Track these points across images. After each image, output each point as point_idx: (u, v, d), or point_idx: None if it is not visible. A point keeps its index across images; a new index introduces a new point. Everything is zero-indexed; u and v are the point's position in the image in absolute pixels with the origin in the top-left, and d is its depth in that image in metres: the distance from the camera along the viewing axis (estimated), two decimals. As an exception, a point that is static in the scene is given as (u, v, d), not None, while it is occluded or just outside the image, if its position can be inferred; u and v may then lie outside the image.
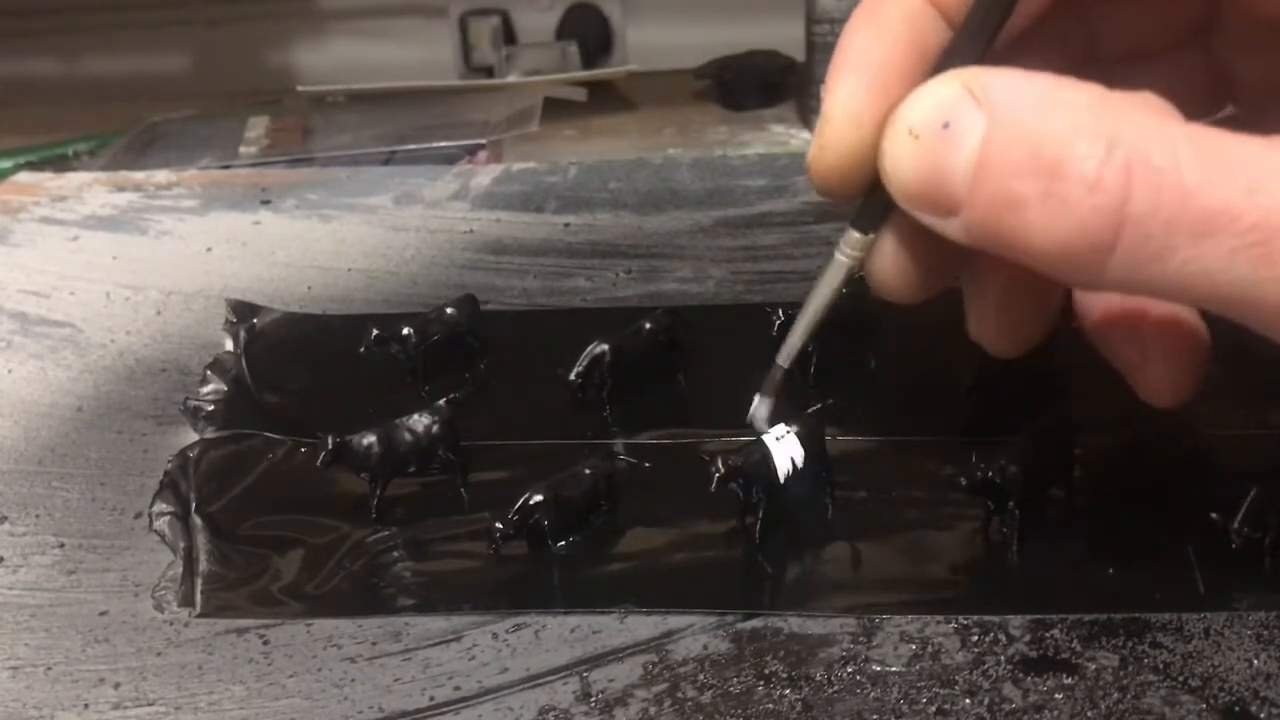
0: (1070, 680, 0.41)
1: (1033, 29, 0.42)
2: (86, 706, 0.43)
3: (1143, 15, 0.44)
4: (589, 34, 1.16)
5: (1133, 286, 0.33)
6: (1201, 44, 0.45)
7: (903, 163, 0.36)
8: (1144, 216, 0.32)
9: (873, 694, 0.41)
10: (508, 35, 1.17)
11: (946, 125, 0.35)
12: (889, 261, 0.42)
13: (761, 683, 0.42)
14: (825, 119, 0.39)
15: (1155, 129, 0.32)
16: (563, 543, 0.48)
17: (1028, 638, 0.43)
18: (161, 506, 0.52)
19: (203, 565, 0.49)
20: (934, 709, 0.40)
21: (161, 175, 0.89)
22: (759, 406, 0.47)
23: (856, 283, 0.59)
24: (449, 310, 0.62)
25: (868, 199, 0.40)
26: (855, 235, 0.42)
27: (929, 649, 0.43)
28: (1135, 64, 0.45)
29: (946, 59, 0.39)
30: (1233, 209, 0.31)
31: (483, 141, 0.95)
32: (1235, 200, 0.31)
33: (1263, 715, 0.39)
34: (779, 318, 0.56)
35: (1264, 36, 0.42)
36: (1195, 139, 0.32)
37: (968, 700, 0.40)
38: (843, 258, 0.43)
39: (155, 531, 0.51)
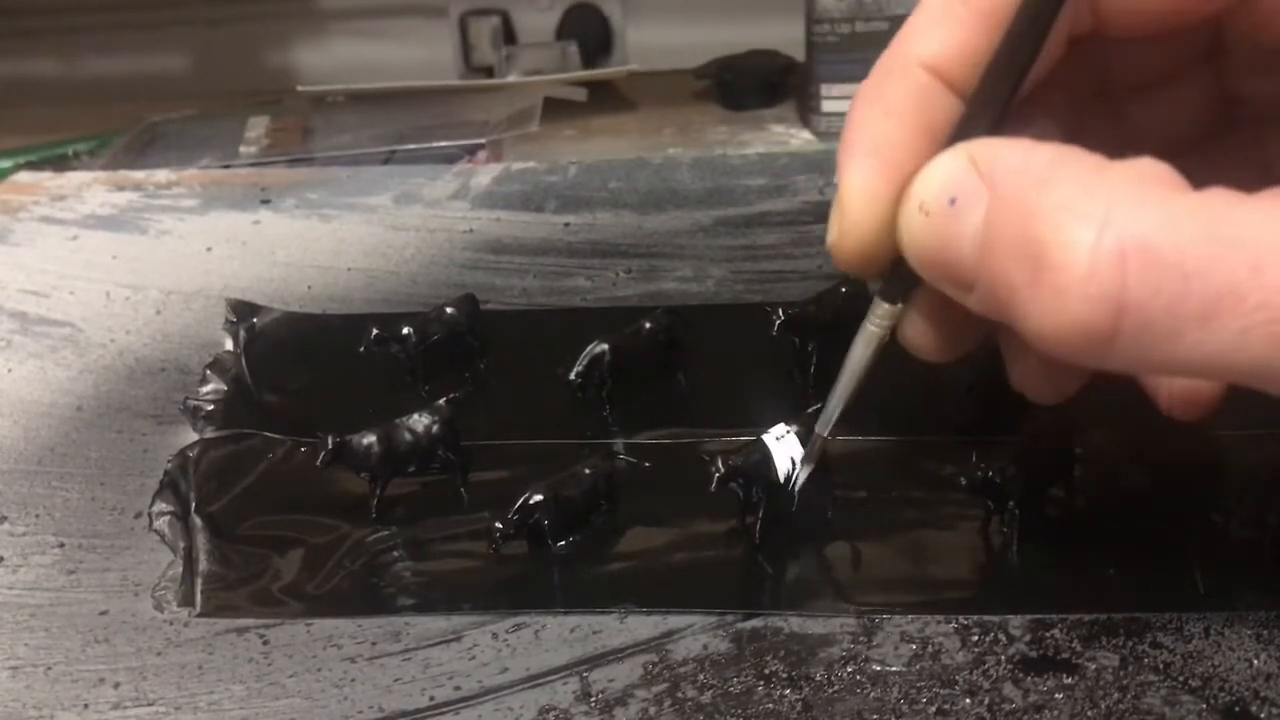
0: (1070, 680, 0.41)
1: (1043, 74, 0.41)
2: (86, 706, 0.43)
3: (1150, 48, 0.44)
4: (589, 34, 1.16)
5: (1145, 369, 0.32)
6: (1209, 70, 0.44)
7: (917, 239, 0.36)
8: (1143, 303, 0.30)
9: (873, 694, 0.41)
10: (508, 35, 1.17)
11: (953, 201, 0.34)
12: (919, 329, 0.41)
13: (761, 683, 0.42)
14: (842, 204, 0.38)
15: (1154, 205, 0.31)
16: (563, 542, 0.48)
17: (1028, 637, 0.43)
18: (161, 506, 0.52)
19: (203, 565, 0.49)
20: (934, 709, 0.40)
21: (161, 175, 0.89)
22: (800, 473, 0.47)
23: (855, 282, 0.59)
24: (449, 310, 0.62)
25: (893, 271, 0.40)
26: (884, 306, 0.42)
27: (929, 649, 0.43)
28: (1144, 94, 0.45)
29: (961, 129, 0.38)
30: (1238, 290, 0.30)
31: (482, 141, 0.95)
32: (1240, 280, 0.29)
33: (1263, 715, 0.39)
34: (779, 317, 0.57)
35: (1270, 60, 0.42)
36: (1196, 213, 0.31)
37: (968, 700, 0.40)
38: (874, 328, 0.43)
39: (155, 531, 0.51)
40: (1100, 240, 0.30)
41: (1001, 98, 0.38)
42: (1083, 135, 0.36)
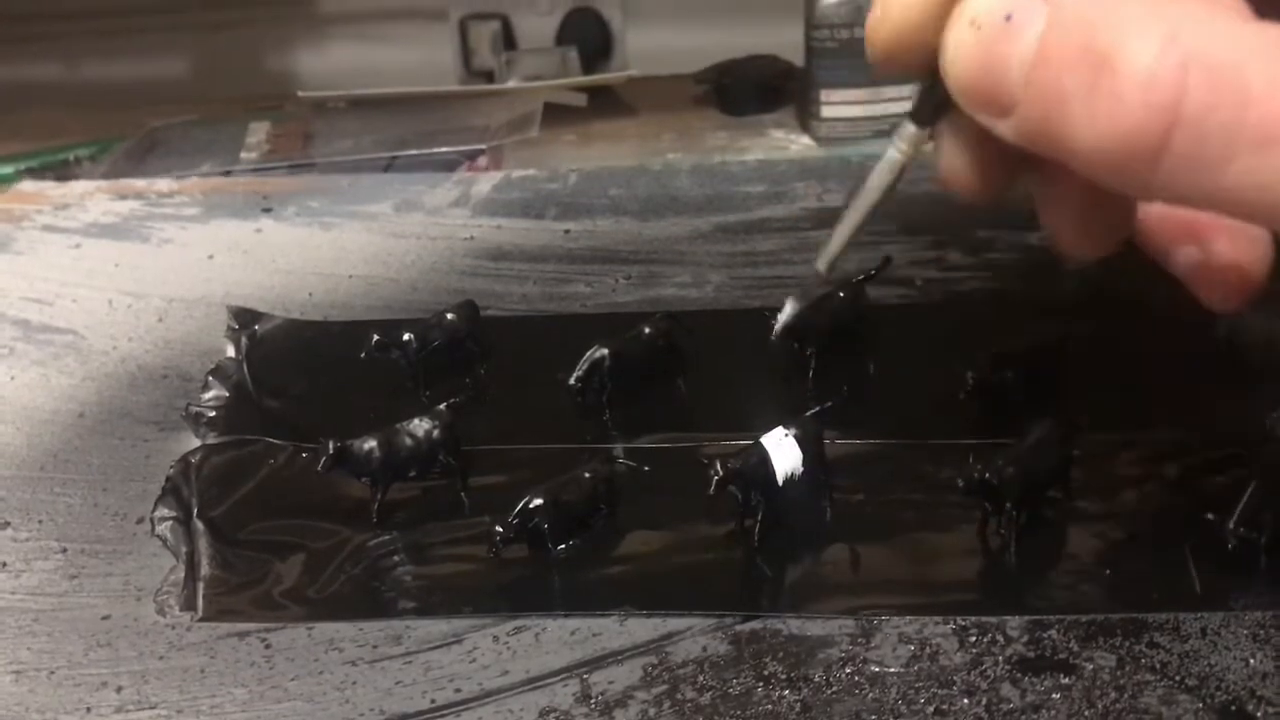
0: (1068, 680, 0.41)
1: None
2: (89, 710, 0.43)
3: None
4: (589, 38, 1.16)
5: (1183, 196, 0.31)
6: None
7: (962, 54, 0.34)
8: (1199, 118, 0.30)
9: (871, 694, 0.41)
10: (508, 39, 1.17)
11: (1009, 17, 0.33)
12: (952, 160, 0.39)
13: (760, 684, 0.42)
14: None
15: (1220, 26, 0.30)
16: (562, 546, 0.49)
17: (1025, 638, 0.43)
18: (163, 511, 0.53)
19: (204, 570, 0.49)
20: (932, 709, 0.40)
21: (163, 183, 0.89)
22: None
23: (854, 287, 0.60)
24: (449, 316, 0.62)
25: (926, 91, 0.38)
26: (911, 129, 0.39)
27: (927, 650, 0.43)
28: None
29: None
30: None
31: (483, 147, 0.95)
32: None
33: (1259, 714, 0.39)
34: (777, 322, 0.57)
35: None
36: (1264, 40, 0.30)
37: (966, 700, 0.40)
38: (896, 153, 0.40)
39: (157, 536, 0.52)
40: (1165, 51, 0.30)
41: None
42: None
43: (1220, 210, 0.31)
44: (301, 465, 0.55)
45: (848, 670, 0.42)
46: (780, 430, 0.49)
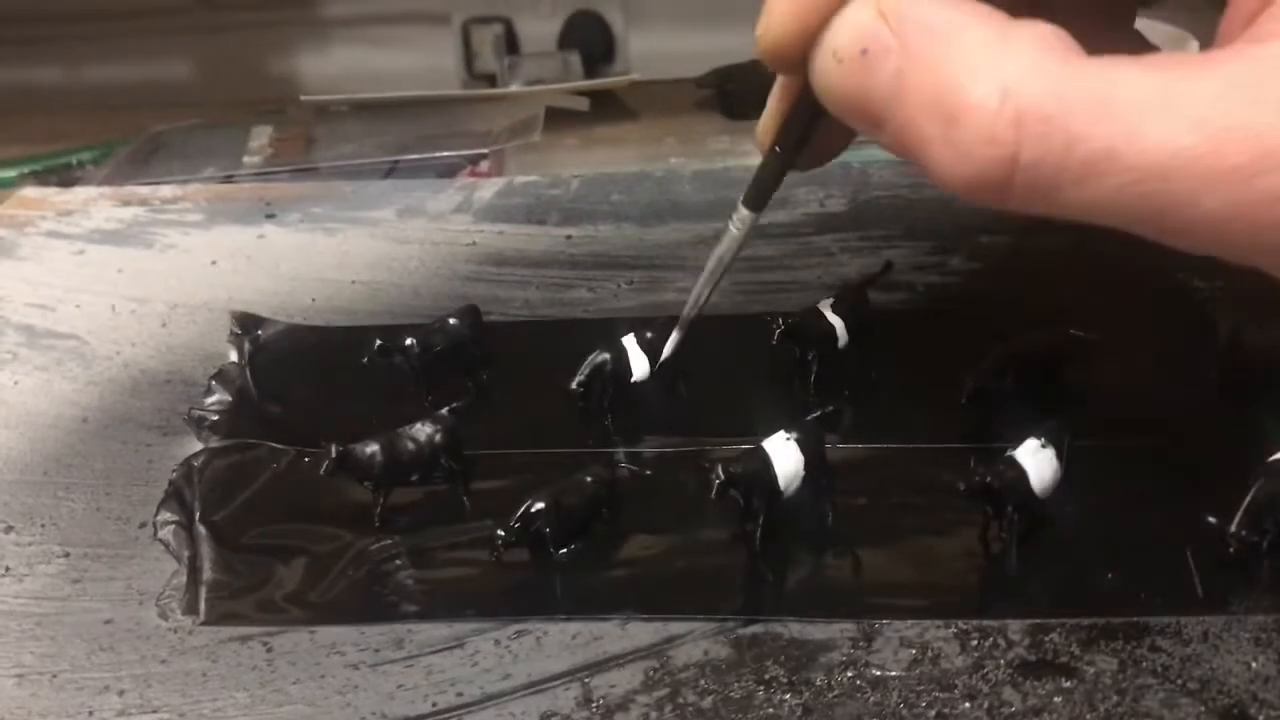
0: (1069, 684, 0.41)
1: None
2: (91, 714, 0.43)
3: None
4: (591, 42, 1.16)
5: (1038, 212, 0.35)
6: None
7: (830, 82, 0.38)
8: (1033, 164, 0.33)
9: (872, 698, 0.41)
10: (510, 42, 1.17)
11: (864, 52, 0.36)
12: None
13: (762, 688, 0.42)
14: (769, 10, 0.40)
15: (1051, 73, 0.34)
16: (564, 550, 0.49)
17: (1027, 642, 0.43)
18: (166, 515, 0.53)
19: (207, 574, 0.49)
20: (934, 713, 0.40)
21: (167, 189, 0.90)
22: (670, 344, 0.55)
23: (856, 292, 0.60)
24: (452, 321, 0.62)
25: (756, 180, 0.48)
26: (745, 212, 0.49)
27: (928, 653, 0.43)
28: None
29: None
30: (1114, 151, 0.32)
31: (485, 151, 0.96)
32: (1116, 143, 0.32)
33: (1261, 717, 0.39)
34: (779, 326, 0.57)
35: None
36: (1086, 79, 0.33)
37: (967, 704, 0.41)
38: (734, 230, 0.50)
39: (160, 540, 0.52)
40: (1001, 107, 0.33)
41: None
42: None
43: (1069, 218, 0.36)
44: (304, 469, 0.55)
45: (849, 674, 0.42)
46: (782, 434, 0.49)
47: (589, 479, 0.50)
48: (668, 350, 0.55)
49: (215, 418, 0.60)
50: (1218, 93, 0.32)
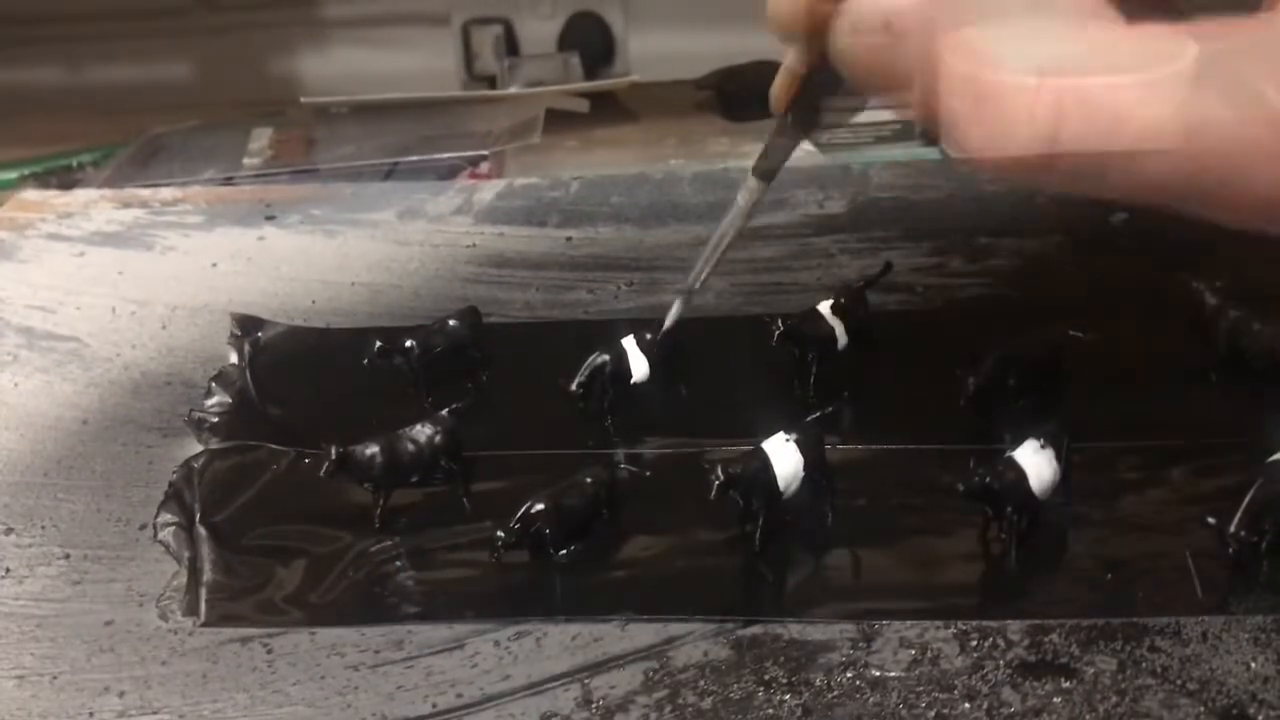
0: (1069, 684, 0.41)
1: None
2: (91, 715, 0.43)
3: None
4: (591, 43, 1.16)
5: (1081, 191, 0.34)
6: None
7: (854, 56, 0.37)
8: (1075, 143, 0.32)
9: (872, 699, 0.41)
10: (510, 44, 1.17)
11: (889, 25, 0.35)
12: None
13: (761, 688, 0.42)
14: None
15: (1089, 48, 0.32)
16: (564, 551, 0.49)
17: (1026, 642, 0.43)
18: (166, 517, 0.53)
19: (207, 575, 0.49)
20: (933, 714, 0.40)
21: (167, 191, 0.90)
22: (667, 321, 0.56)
23: (855, 293, 0.60)
24: (452, 322, 0.62)
25: (765, 150, 0.48)
26: (754, 182, 0.49)
27: (928, 654, 0.43)
28: None
29: None
30: (1160, 131, 0.31)
31: (485, 153, 0.96)
32: (1163, 123, 0.31)
33: (1260, 717, 0.39)
34: (778, 328, 0.57)
35: None
36: (1127, 53, 0.32)
37: (967, 705, 0.41)
38: (742, 199, 0.51)
39: (160, 542, 0.52)
40: (1041, 88, 0.32)
41: None
42: None
43: (1111, 198, 0.34)
44: (304, 471, 0.55)
45: (849, 675, 0.42)
46: (781, 435, 0.49)
47: (589, 480, 0.50)
48: (669, 321, 0.56)
49: (215, 419, 0.60)
50: (1274, 65, 0.31)
